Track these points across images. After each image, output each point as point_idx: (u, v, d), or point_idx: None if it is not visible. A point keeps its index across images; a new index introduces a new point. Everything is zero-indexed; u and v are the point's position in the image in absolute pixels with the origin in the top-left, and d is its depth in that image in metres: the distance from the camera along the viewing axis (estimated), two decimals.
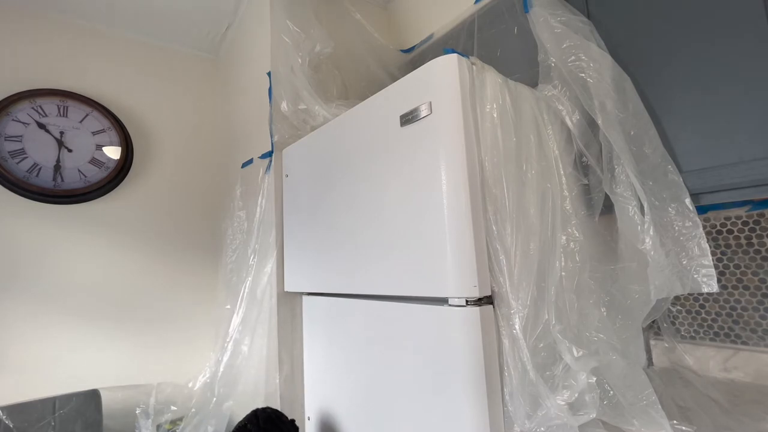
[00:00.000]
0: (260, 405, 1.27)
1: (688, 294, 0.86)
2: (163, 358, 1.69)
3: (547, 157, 0.85)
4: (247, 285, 1.29)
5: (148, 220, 1.75)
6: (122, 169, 1.68)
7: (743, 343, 0.97)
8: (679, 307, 1.08)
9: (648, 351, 1.12)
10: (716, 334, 1.02)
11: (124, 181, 1.70)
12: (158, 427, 1.45)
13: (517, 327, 0.68)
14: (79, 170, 1.59)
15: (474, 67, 0.79)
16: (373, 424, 0.88)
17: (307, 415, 1.15)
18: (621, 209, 0.82)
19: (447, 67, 0.76)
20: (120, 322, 1.63)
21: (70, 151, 1.59)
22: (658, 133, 0.82)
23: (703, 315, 1.04)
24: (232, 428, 0.93)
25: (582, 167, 0.91)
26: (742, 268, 0.98)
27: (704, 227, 1.01)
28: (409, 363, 0.78)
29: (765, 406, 0.81)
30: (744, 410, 0.80)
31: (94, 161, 1.63)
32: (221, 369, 1.26)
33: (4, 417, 1.31)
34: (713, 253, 1.01)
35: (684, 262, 0.75)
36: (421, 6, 1.63)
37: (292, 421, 0.96)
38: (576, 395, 0.67)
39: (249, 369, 1.27)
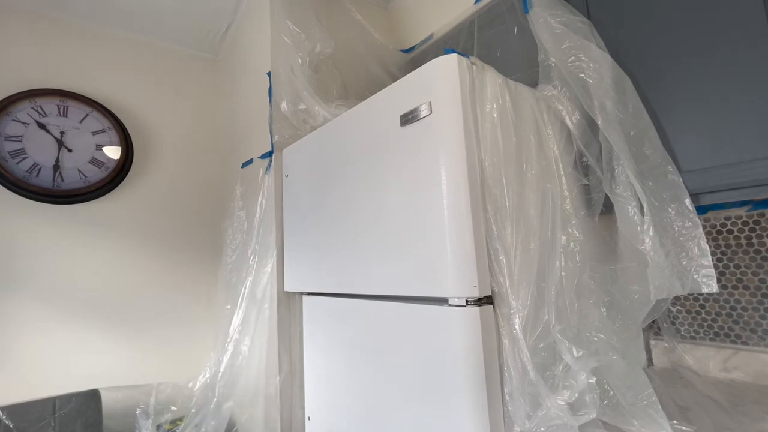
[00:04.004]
0: (260, 405, 1.27)
1: (688, 294, 0.86)
2: (163, 358, 1.70)
3: (547, 157, 0.85)
4: (247, 285, 1.29)
5: (148, 220, 1.75)
6: (122, 169, 1.68)
7: (743, 343, 0.97)
8: (679, 307, 1.08)
9: (648, 351, 1.12)
10: (716, 334, 1.02)
11: (124, 181, 1.70)
12: (158, 427, 1.45)
13: (517, 327, 0.68)
14: (79, 170, 1.59)
15: (474, 67, 0.79)
16: (373, 423, 0.88)
17: (307, 415, 1.15)
18: (621, 209, 0.82)
19: (447, 67, 0.76)
20: (120, 322, 1.63)
21: (70, 151, 1.59)
22: (658, 134, 0.82)
23: (703, 315, 1.04)
24: None
25: (582, 167, 0.91)
26: (742, 268, 0.98)
27: (704, 227, 1.01)
28: (409, 363, 0.78)
29: (765, 406, 0.81)
30: (744, 410, 0.80)
31: (94, 161, 1.63)
32: (221, 369, 1.26)
33: (4, 417, 1.31)
34: (713, 253, 1.01)
35: (684, 263, 0.76)
36: (421, 6, 1.63)
37: None
38: (576, 395, 0.68)
39: (249, 369, 1.27)
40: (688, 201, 0.77)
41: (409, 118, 0.79)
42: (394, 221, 0.82)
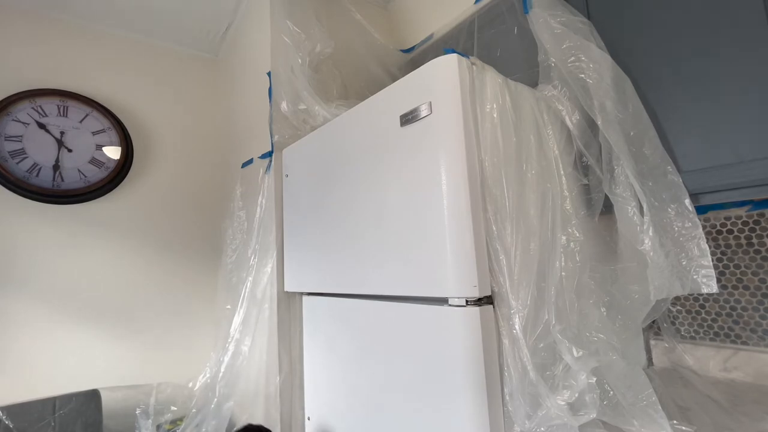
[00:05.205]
0: (260, 405, 1.27)
1: (688, 294, 0.86)
2: (163, 358, 1.70)
3: (547, 157, 0.85)
4: (247, 285, 1.29)
5: (148, 220, 1.75)
6: (122, 169, 1.68)
7: (743, 343, 0.97)
8: (679, 307, 1.08)
9: (648, 351, 1.12)
10: (716, 334, 1.02)
11: (124, 181, 1.70)
12: (158, 427, 1.45)
13: (517, 327, 0.68)
14: (79, 170, 1.59)
15: (474, 67, 0.79)
16: (373, 423, 0.88)
17: (307, 415, 1.15)
18: (620, 210, 0.82)
19: (447, 67, 0.76)
20: (120, 322, 1.63)
21: (70, 151, 1.59)
22: (658, 134, 0.82)
23: (703, 315, 1.04)
24: None
25: (582, 167, 0.91)
26: (742, 268, 0.98)
27: (704, 227, 1.01)
28: (408, 363, 0.78)
29: (765, 406, 0.81)
30: (744, 410, 0.80)
31: (94, 161, 1.63)
32: (222, 369, 1.26)
33: (4, 417, 1.31)
34: (713, 253, 1.01)
35: (684, 263, 0.76)
36: (421, 6, 1.63)
37: None
38: (576, 395, 0.68)
39: (249, 369, 1.27)
40: (687, 201, 0.77)
41: (409, 118, 0.79)
42: (394, 221, 0.82)
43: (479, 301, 0.69)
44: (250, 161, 1.52)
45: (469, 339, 0.67)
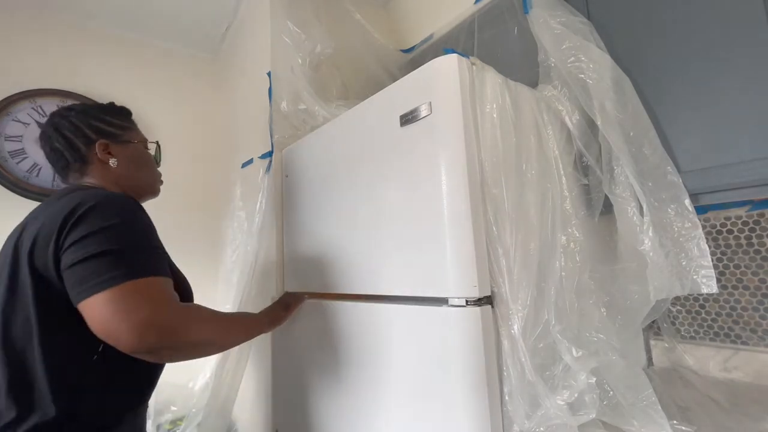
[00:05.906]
0: (261, 405, 1.27)
1: (688, 294, 0.86)
2: None
3: (547, 157, 0.85)
4: (247, 285, 1.29)
5: None
6: None
7: (743, 343, 0.97)
8: (679, 307, 1.08)
9: (648, 351, 1.12)
10: (716, 334, 1.02)
11: None
12: (158, 427, 1.45)
13: (516, 327, 0.68)
14: None
15: (474, 67, 0.79)
16: (373, 423, 0.88)
17: (306, 415, 1.15)
18: (620, 210, 0.82)
19: (447, 67, 0.75)
20: None
21: None
22: (658, 134, 0.82)
23: (703, 315, 1.04)
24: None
25: (582, 167, 0.91)
26: (742, 268, 0.98)
27: (704, 227, 1.01)
28: (408, 363, 0.78)
29: (765, 406, 0.81)
30: (744, 410, 0.80)
31: None
32: (222, 368, 1.26)
33: None
34: (713, 253, 1.01)
35: (683, 263, 0.76)
36: (421, 6, 1.63)
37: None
38: (576, 395, 0.68)
39: (249, 369, 1.27)
40: (687, 201, 0.77)
41: (409, 118, 0.79)
42: (394, 221, 0.82)
43: (479, 302, 0.69)
44: (250, 161, 1.51)
45: (469, 339, 0.67)
